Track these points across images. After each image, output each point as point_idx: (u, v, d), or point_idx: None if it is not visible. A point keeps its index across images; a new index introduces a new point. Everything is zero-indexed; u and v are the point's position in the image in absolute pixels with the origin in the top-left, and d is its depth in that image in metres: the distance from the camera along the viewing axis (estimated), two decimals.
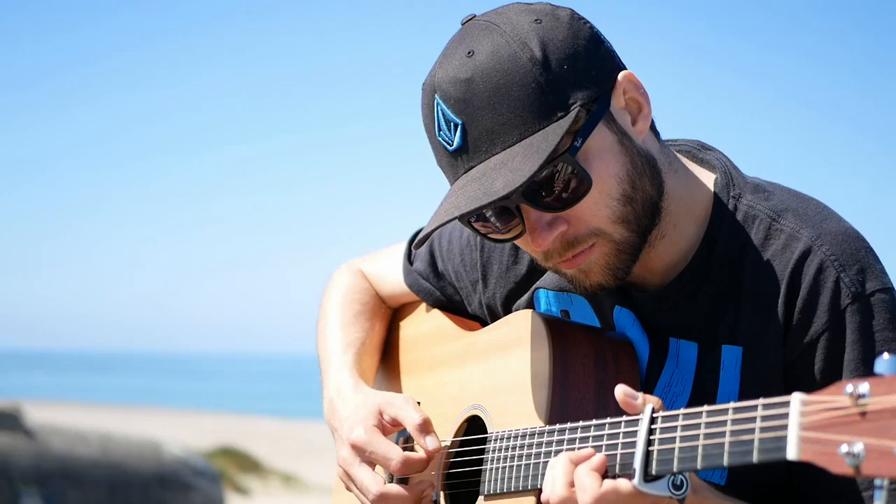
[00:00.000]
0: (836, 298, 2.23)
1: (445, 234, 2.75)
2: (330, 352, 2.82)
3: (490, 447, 2.42)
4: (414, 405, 2.52)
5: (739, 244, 2.32)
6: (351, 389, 2.68)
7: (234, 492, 22.56)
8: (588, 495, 2.03)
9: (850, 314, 2.23)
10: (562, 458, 2.10)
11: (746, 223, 2.32)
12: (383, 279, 2.93)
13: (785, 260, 2.27)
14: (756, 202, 2.34)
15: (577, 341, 2.36)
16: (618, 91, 2.23)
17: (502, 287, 2.62)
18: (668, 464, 1.96)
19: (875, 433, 1.63)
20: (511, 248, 2.60)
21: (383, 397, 2.59)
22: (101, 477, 13.39)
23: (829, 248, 2.26)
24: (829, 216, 2.32)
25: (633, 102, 2.26)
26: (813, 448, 1.69)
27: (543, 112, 2.15)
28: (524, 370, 2.39)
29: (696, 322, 2.35)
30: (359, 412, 2.57)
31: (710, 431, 1.89)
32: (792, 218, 2.30)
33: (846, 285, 2.23)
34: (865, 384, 1.66)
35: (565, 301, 2.52)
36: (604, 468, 2.05)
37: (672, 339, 2.38)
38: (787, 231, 2.29)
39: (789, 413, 1.74)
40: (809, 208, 2.33)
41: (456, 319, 2.75)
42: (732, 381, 2.31)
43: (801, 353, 2.26)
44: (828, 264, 2.25)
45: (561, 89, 2.16)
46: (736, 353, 2.30)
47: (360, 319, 2.88)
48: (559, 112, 2.15)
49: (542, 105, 2.15)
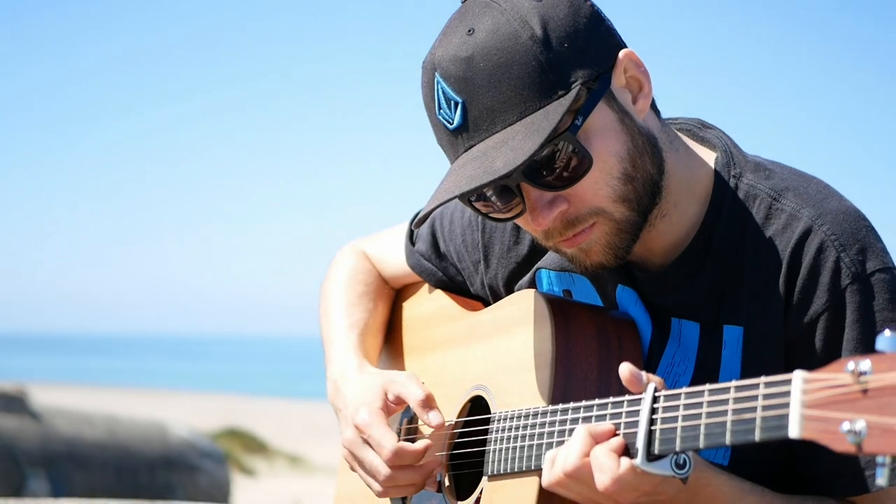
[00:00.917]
0: (836, 278, 2.24)
1: (447, 215, 2.75)
2: (333, 332, 2.83)
3: (493, 427, 2.43)
4: (417, 382, 2.53)
5: (740, 224, 2.32)
6: (355, 370, 2.69)
7: (241, 473, 22.63)
8: (607, 476, 2.02)
9: (850, 294, 2.23)
10: (581, 430, 2.08)
11: (747, 202, 2.32)
12: (386, 260, 2.94)
13: (785, 239, 2.27)
14: (757, 181, 2.33)
15: (579, 320, 2.36)
16: (618, 69, 2.23)
17: (504, 267, 2.62)
18: (670, 443, 1.96)
19: (877, 410, 1.63)
20: (512, 229, 2.60)
21: (387, 376, 2.60)
22: (107, 459, 13.43)
23: (829, 227, 2.26)
24: (831, 195, 2.32)
25: (634, 81, 2.25)
26: (815, 426, 1.69)
27: (544, 90, 2.15)
28: (527, 350, 2.39)
29: (697, 302, 2.35)
30: (365, 394, 2.57)
31: (712, 410, 1.89)
32: (793, 197, 2.30)
33: (846, 265, 2.24)
34: (867, 361, 1.66)
35: (567, 281, 2.52)
36: (622, 449, 2.04)
37: (674, 319, 2.38)
38: (788, 210, 2.29)
39: (791, 391, 1.74)
40: (811, 187, 2.33)
41: (458, 300, 2.75)
42: (734, 361, 2.31)
43: (801, 333, 2.26)
44: (828, 244, 2.25)
45: (562, 67, 2.16)
46: (737, 333, 2.31)
47: (364, 300, 2.89)
48: (560, 90, 2.15)
49: (543, 83, 2.15)
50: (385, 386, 2.56)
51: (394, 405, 2.55)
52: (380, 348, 2.90)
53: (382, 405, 2.53)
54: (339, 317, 2.85)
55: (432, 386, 2.69)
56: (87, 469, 13.18)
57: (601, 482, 2.02)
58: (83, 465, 13.17)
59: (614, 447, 2.05)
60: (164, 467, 13.98)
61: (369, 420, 2.50)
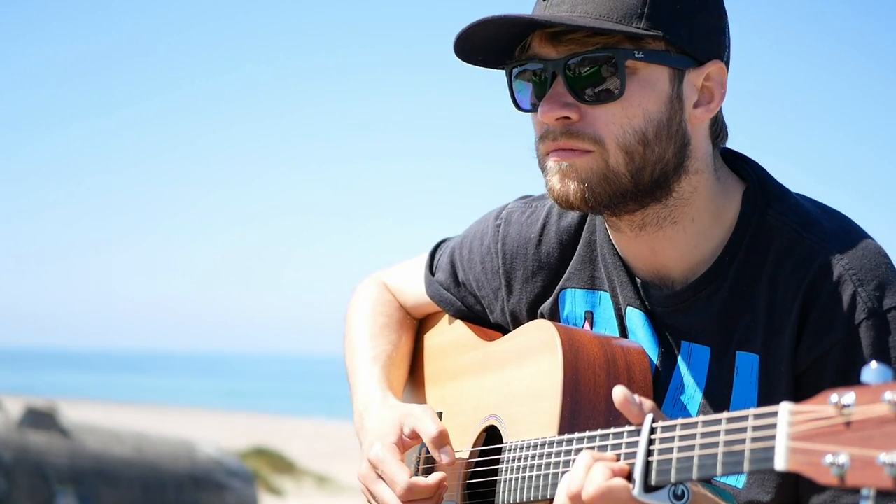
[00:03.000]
0: (851, 312, 2.25)
1: (466, 244, 2.80)
2: (358, 365, 2.87)
3: (504, 458, 2.45)
4: (433, 417, 2.54)
5: (762, 253, 2.35)
6: (378, 403, 2.72)
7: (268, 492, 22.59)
8: (593, 485, 2.02)
9: (864, 329, 2.24)
10: (585, 455, 2.10)
11: (771, 233, 2.35)
12: (406, 291, 2.98)
13: (804, 271, 2.30)
14: (783, 213, 2.37)
15: (588, 350, 2.39)
16: (702, 70, 2.33)
17: (528, 292, 2.65)
18: (666, 474, 1.97)
19: (859, 443, 1.64)
20: (534, 253, 2.65)
21: (405, 410, 2.62)
22: (135, 476, 13.44)
23: (848, 262, 2.28)
24: (853, 231, 2.35)
25: (707, 91, 2.35)
26: (800, 458, 1.70)
27: (632, 11, 2.26)
28: (536, 380, 2.43)
29: (711, 326, 2.37)
30: (381, 427, 2.60)
31: (704, 442, 1.91)
32: (816, 231, 2.33)
33: (863, 300, 2.25)
34: (851, 394, 1.67)
35: (592, 300, 2.56)
36: (623, 472, 2.05)
37: (684, 343, 2.41)
38: (810, 243, 2.32)
39: (777, 423, 1.76)
40: (834, 222, 2.36)
41: (476, 329, 2.79)
42: (750, 389, 2.32)
43: (812, 365, 2.27)
44: (846, 278, 2.27)
45: (658, 11, 2.27)
46: (752, 361, 2.32)
47: (386, 331, 2.92)
48: (642, 22, 2.26)
49: (635, 6, 2.26)
50: (402, 420, 2.59)
51: (409, 439, 2.57)
52: (404, 379, 2.93)
53: (397, 440, 2.56)
54: (363, 349, 2.89)
55: (450, 415, 2.74)
56: (115, 486, 13.20)
57: (587, 491, 2.03)
58: (111, 481, 13.19)
59: (613, 466, 2.05)
60: (191, 485, 13.97)
61: (382, 456, 2.53)
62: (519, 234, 2.67)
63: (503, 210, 2.75)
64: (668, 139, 2.31)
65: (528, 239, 2.66)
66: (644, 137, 2.29)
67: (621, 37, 2.27)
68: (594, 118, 2.29)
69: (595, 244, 2.57)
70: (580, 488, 2.06)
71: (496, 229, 2.72)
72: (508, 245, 2.68)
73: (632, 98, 2.28)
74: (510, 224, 2.70)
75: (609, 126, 2.28)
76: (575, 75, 2.29)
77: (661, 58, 2.29)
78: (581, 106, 2.29)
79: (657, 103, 2.30)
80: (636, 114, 2.28)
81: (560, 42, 2.30)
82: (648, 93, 2.29)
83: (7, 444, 12.37)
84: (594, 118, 2.29)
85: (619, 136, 2.28)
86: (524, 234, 2.67)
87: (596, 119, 2.28)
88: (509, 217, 2.71)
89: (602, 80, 2.27)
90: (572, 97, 2.29)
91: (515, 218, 2.70)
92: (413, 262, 2.99)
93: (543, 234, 2.64)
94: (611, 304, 2.52)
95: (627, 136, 2.28)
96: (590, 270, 2.57)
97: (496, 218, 2.74)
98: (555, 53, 2.32)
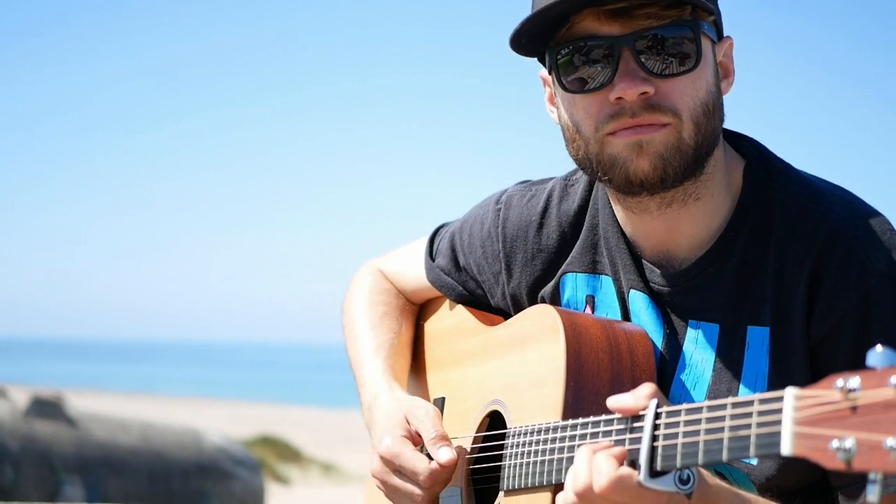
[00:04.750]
0: (861, 279, 2.25)
1: (466, 229, 2.79)
2: (361, 357, 2.86)
3: (508, 443, 2.45)
4: (433, 417, 2.55)
5: (768, 226, 2.35)
6: (385, 395, 2.71)
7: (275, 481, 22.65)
8: (604, 477, 2.01)
9: (875, 294, 2.25)
10: (583, 450, 2.09)
11: (776, 206, 2.36)
12: (404, 276, 2.97)
13: (812, 240, 2.30)
14: (787, 186, 2.38)
15: (591, 334, 2.38)
16: (723, 44, 2.39)
17: (528, 275, 2.65)
18: (671, 459, 1.96)
19: (865, 427, 1.63)
20: (535, 237, 2.64)
21: (409, 406, 2.62)
22: (141, 465, 13.46)
23: (855, 229, 2.29)
24: (857, 200, 2.36)
25: (725, 66, 2.40)
26: (806, 443, 1.69)
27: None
28: (539, 365, 2.42)
29: (720, 302, 2.37)
30: (389, 420, 2.60)
31: (710, 427, 1.90)
32: (821, 201, 2.34)
33: (873, 265, 2.26)
34: (856, 378, 1.66)
35: (593, 284, 2.55)
36: (623, 457, 2.04)
37: (692, 322, 2.40)
38: (816, 214, 2.32)
39: (783, 408, 1.75)
40: (837, 193, 2.37)
41: (477, 314, 2.78)
42: (761, 363, 2.32)
43: (827, 334, 2.27)
44: (854, 245, 2.27)
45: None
46: (763, 334, 2.32)
47: (387, 320, 2.92)
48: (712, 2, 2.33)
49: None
50: (406, 415, 2.59)
51: (417, 436, 2.57)
52: (408, 367, 2.92)
53: (406, 433, 2.56)
54: (365, 339, 2.88)
55: (453, 400, 2.73)
56: (121, 475, 13.23)
57: (598, 484, 2.01)
58: (118, 471, 13.22)
59: (614, 453, 2.04)
60: (198, 474, 14.00)
61: (396, 450, 2.53)
62: (520, 218, 2.66)
63: (503, 194, 2.74)
64: (717, 112, 2.34)
65: (529, 222, 2.65)
66: (707, 109, 2.31)
67: (690, 8, 2.29)
68: (669, 91, 2.29)
69: (597, 228, 2.55)
70: (588, 483, 2.04)
71: (496, 213, 2.71)
72: (509, 228, 2.67)
73: (701, 70, 2.30)
74: (510, 208, 2.69)
75: (684, 97, 2.29)
76: (650, 49, 2.28)
77: (711, 30, 2.33)
78: (654, 80, 2.29)
79: (713, 75, 2.34)
80: (701, 86, 2.31)
81: (625, 17, 2.28)
82: (708, 65, 2.32)
83: (14, 433, 12.40)
84: (669, 91, 2.29)
85: (691, 108, 2.30)
86: (525, 217, 2.66)
87: (671, 90, 2.29)
88: (509, 201, 2.71)
89: (677, 53, 2.28)
90: (644, 72, 2.29)
91: (516, 202, 2.69)
92: (410, 247, 2.98)
93: (545, 217, 2.63)
94: (613, 288, 2.52)
95: (697, 108, 2.30)
96: (591, 255, 2.56)
97: (496, 202, 2.73)
98: (619, 29, 2.29)
